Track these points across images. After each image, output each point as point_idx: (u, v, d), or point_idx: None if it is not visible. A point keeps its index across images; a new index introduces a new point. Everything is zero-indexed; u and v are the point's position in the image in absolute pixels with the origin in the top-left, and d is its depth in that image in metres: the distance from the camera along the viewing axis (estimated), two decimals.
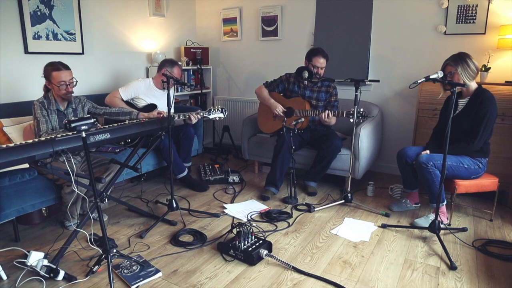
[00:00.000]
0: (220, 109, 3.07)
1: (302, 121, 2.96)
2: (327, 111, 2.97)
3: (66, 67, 2.43)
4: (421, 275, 2.04)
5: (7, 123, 2.66)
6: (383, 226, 2.62)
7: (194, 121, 3.07)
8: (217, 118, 3.08)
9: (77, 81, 2.50)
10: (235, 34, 4.58)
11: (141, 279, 1.96)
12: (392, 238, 2.47)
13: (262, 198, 3.10)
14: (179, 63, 3.28)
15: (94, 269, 1.99)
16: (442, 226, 2.36)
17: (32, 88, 3.06)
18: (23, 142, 1.81)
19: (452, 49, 3.21)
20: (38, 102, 2.42)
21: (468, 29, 3.23)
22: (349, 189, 2.97)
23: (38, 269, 1.93)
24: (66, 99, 2.51)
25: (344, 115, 2.87)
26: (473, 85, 2.53)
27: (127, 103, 3.16)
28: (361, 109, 2.78)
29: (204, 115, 3.05)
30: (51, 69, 2.39)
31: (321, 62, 3.12)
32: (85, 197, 2.41)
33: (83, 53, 3.46)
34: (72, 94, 2.50)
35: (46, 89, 2.49)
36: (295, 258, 2.21)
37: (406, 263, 2.17)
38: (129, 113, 2.77)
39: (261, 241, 2.24)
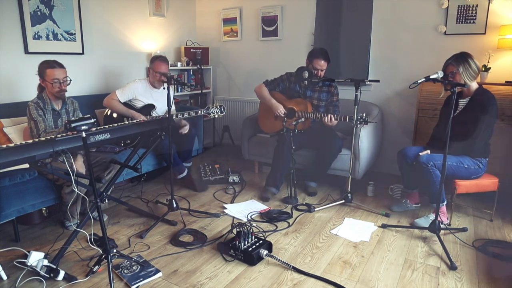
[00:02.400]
0: (218, 107, 3.07)
1: (302, 121, 2.96)
2: (329, 115, 2.96)
3: (61, 65, 2.46)
4: (421, 275, 2.04)
5: (7, 123, 2.66)
6: (383, 226, 2.62)
7: (185, 132, 3.17)
8: (216, 116, 3.07)
9: (71, 80, 2.51)
10: (235, 34, 4.58)
11: (141, 279, 1.96)
12: (392, 238, 2.47)
13: (262, 198, 3.10)
14: (162, 55, 3.24)
15: (94, 269, 1.99)
16: (442, 226, 2.36)
17: (32, 88, 3.03)
18: (23, 142, 1.80)
19: (452, 49, 3.20)
20: (32, 102, 2.43)
21: (468, 29, 3.23)
22: (349, 189, 2.97)
23: (38, 269, 1.93)
24: (59, 98, 2.52)
25: (347, 120, 2.87)
26: (474, 85, 2.52)
27: (125, 104, 3.16)
28: (363, 114, 2.78)
29: (203, 113, 3.04)
30: (45, 66, 2.42)
31: (321, 64, 3.11)
32: (85, 197, 2.41)
33: (83, 53, 3.46)
34: (66, 93, 2.52)
35: (41, 89, 2.50)
36: (295, 258, 2.21)
37: (406, 263, 2.17)
38: None
39: (261, 241, 2.23)
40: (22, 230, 2.53)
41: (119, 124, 2.31)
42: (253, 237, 2.25)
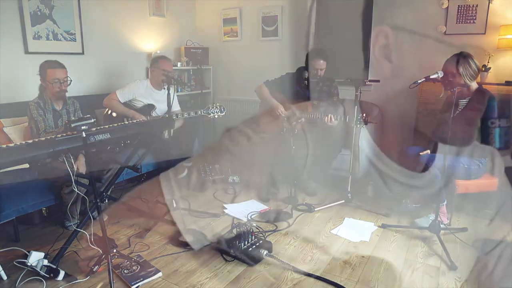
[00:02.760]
0: (218, 107, 3.06)
1: (302, 121, 2.96)
2: (329, 115, 2.96)
3: (62, 66, 2.47)
4: (421, 275, 2.04)
5: (7, 123, 2.66)
6: (383, 226, 2.62)
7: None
8: (216, 116, 3.07)
9: (71, 80, 2.51)
10: (235, 34, 4.58)
11: (141, 279, 1.97)
12: (392, 238, 2.47)
13: (263, 198, 3.10)
14: (163, 55, 3.25)
15: (94, 269, 1.99)
16: (442, 226, 2.36)
17: (32, 88, 3.04)
18: (23, 142, 1.80)
19: (452, 49, 3.20)
20: (33, 102, 2.44)
21: (468, 29, 3.22)
22: (349, 189, 2.97)
23: (38, 269, 1.93)
24: (60, 98, 2.52)
25: (347, 120, 2.87)
26: (473, 85, 2.52)
27: (125, 104, 3.15)
28: (364, 114, 2.78)
29: (203, 113, 3.04)
30: (46, 66, 2.43)
31: (320, 64, 3.11)
32: (85, 197, 2.41)
33: (83, 53, 3.46)
34: (66, 93, 2.52)
35: (42, 89, 2.51)
36: (295, 258, 2.21)
37: (406, 263, 2.17)
38: None
39: (261, 241, 2.24)
40: (22, 230, 2.53)
41: (119, 124, 2.31)
42: (253, 237, 2.25)
